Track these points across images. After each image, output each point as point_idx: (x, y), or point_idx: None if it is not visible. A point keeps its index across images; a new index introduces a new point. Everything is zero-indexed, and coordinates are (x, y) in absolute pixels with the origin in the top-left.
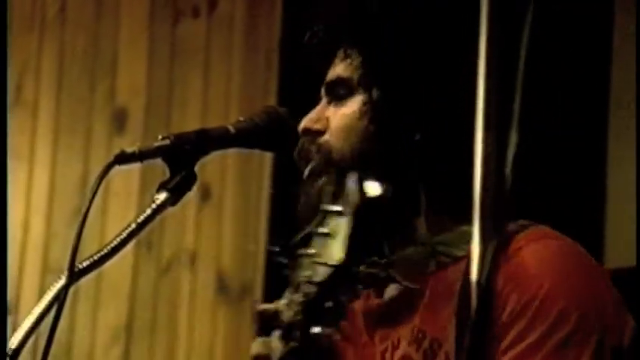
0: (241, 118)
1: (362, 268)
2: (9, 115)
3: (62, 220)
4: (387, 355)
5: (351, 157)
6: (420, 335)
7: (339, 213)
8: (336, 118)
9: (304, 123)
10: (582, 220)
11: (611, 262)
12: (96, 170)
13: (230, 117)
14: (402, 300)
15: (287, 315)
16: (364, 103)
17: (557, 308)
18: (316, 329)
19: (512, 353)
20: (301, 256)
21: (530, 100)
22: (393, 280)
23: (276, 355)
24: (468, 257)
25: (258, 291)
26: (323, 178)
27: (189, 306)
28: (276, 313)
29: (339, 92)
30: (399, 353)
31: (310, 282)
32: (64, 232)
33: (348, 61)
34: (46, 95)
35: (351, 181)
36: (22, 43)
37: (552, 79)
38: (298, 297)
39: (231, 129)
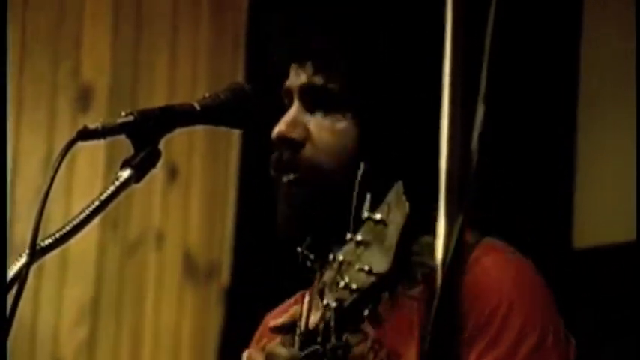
0: (206, 95)
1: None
2: None
3: (25, 200)
4: None
5: (344, 175)
6: (377, 346)
7: (382, 222)
8: (326, 134)
9: (281, 127)
10: (551, 198)
11: (580, 240)
12: (60, 150)
13: (197, 96)
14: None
15: (312, 319)
16: (354, 123)
17: (521, 319)
18: (348, 336)
19: None
20: (334, 260)
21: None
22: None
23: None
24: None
25: (225, 271)
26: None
27: (155, 286)
28: (293, 322)
29: (323, 102)
30: None
31: (348, 288)
32: (28, 212)
33: (329, 72)
34: (9, 73)
35: (396, 192)
36: None
37: (520, 56)
38: (330, 302)
39: (196, 105)
